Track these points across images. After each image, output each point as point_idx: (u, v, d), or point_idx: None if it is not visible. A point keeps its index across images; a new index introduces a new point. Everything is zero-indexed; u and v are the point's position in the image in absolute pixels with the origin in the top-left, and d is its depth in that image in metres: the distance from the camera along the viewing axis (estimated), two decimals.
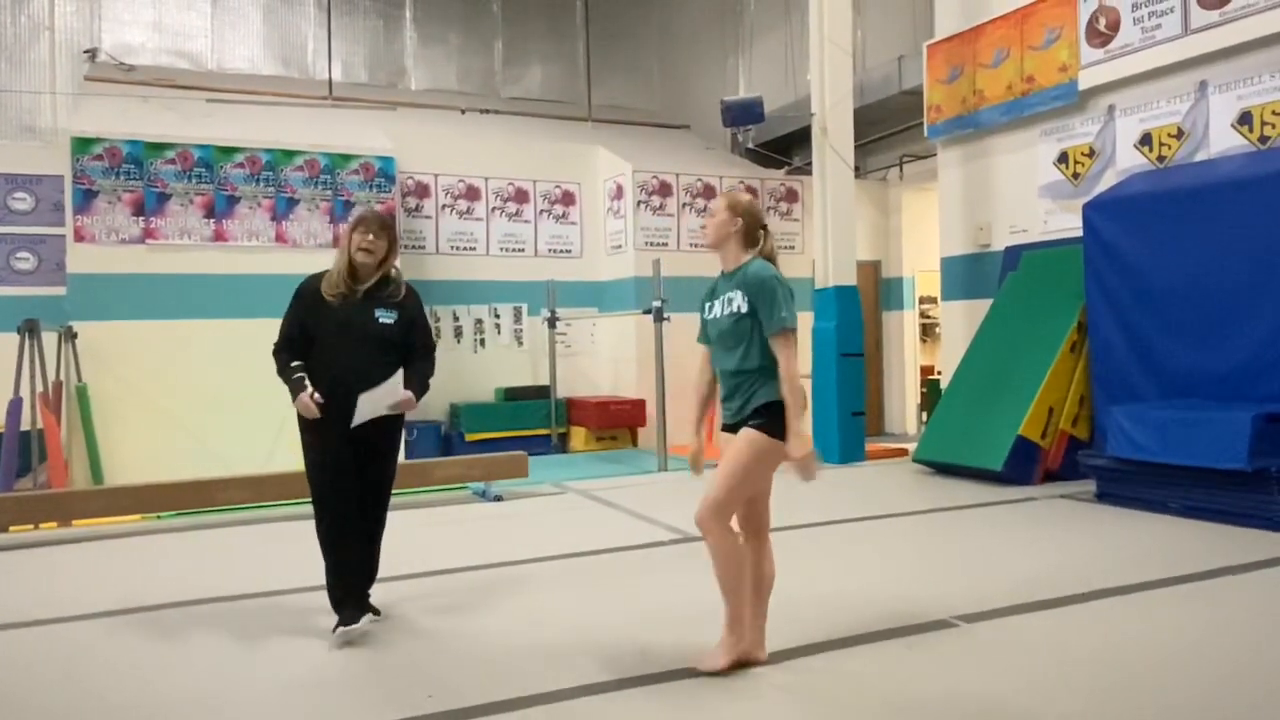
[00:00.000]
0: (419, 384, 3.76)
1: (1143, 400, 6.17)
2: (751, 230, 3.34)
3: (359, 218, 3.81)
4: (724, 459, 3.19)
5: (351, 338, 3.67)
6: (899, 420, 11.76)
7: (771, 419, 3.13)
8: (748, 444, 3.13)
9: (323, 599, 4.09)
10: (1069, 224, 7.60)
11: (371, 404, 3.63)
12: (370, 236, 3.72)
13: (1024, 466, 6.70)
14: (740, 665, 3.18)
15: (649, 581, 4.43)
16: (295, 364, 3.69)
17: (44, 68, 11.32)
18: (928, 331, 12.26)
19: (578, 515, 6.16)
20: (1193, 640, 3.45)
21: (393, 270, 3.84)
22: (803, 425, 3.11)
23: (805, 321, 6.30)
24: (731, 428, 3.26)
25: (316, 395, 3.61)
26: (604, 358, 11.54)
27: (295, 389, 3.65)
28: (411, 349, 3.81)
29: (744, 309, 3.20)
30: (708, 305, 3.39)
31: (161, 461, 8.45)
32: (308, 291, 3.77)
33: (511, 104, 13.58)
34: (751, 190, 11.79)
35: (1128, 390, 6.38)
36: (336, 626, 3.59)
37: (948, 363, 8.90)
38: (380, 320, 3.72)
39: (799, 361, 3.25)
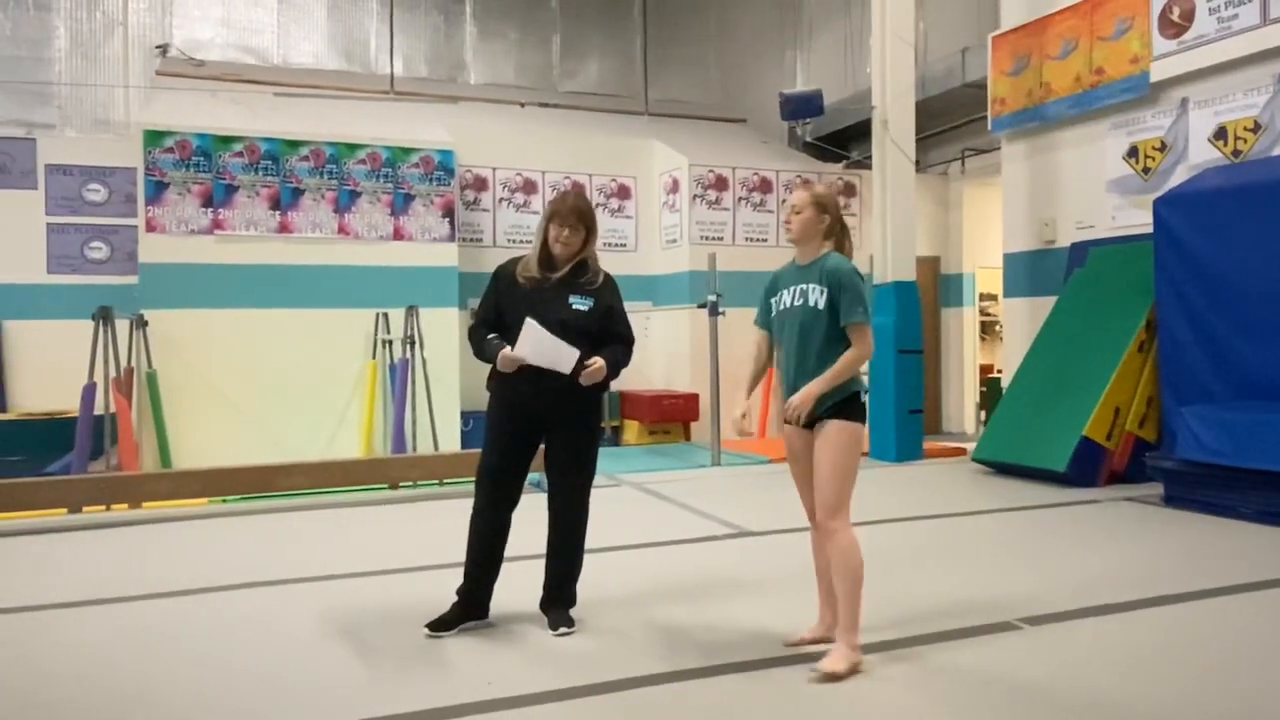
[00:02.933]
0: (610, 361, 3.51)
1: (1214, 401, 5.99)
2: (835, 225, 3.33)
3: (554, 208, 3.56)
4: (817, 462, 3.15)
5: (542, 324, 3.44)
6: (957, 419, 11.57)
7: (846, 407, 3.13)
8: (834, 439, 3.11)
9: (379, 584, 4.17)
10: (1138, 220, 7.41)
11: (537, 341, 3.40)
12: (566, 232, 3.52)
13: (1088, 468, 6.55)
14: (821, 641, 3.26)
15: (707, 572, 4.43)
16: (492, 336, 3.53)
17: (117, 63, 11.64)
18: (988, 329, 12.04)
19: (631, 509, 6.18)
20: (1264, 647, 3.34)
21: (591, 257, 3.65)
22: (813, 393, 3.09)
23: None
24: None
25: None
26: (657, 352, 11.54)
27: (493, 351, 3.47)
28: (606, 338, 3.59)
29: (821, 304, 3.16)
30: (775, 296, 3.35)
31: (227, 446, 8.69)
32: (504, 275, 3.64)
33: (569, 98, 13.63)
34: (809, 184, 11.67)
35: (1198, 391, 6.19)
36: (434, 623, 3.53)
37: (1009, 361, 8.73)
38: (574, 306, 3.52)
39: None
